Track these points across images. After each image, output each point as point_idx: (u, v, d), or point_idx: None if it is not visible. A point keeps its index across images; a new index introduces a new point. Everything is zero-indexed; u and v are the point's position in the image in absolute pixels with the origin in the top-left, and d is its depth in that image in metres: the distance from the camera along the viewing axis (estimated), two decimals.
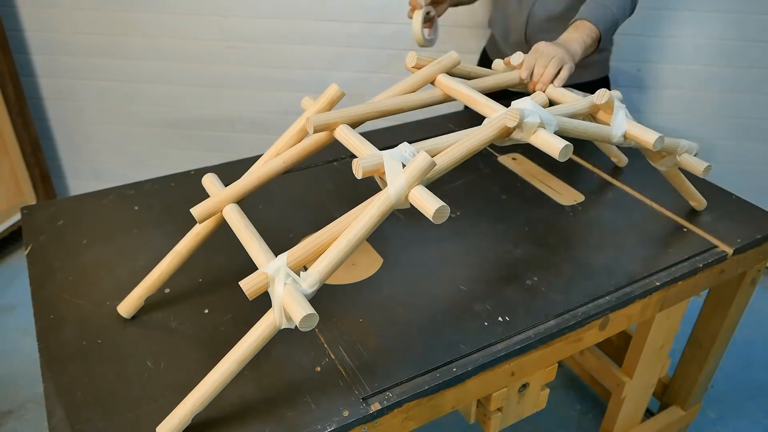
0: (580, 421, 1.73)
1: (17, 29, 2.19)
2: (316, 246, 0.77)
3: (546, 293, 1.01)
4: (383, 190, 0.77)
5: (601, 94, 0.97)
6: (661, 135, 0.95)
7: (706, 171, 1.11)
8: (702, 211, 1.24)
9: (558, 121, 0.88)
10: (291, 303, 0.71)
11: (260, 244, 0.80)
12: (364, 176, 0.76)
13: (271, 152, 0.96)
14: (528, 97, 0.92)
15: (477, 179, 1.33)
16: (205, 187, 0.94)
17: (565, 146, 0.82)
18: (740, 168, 2.20)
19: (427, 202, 0.74)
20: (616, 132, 0.98)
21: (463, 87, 0.99)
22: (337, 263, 0.75)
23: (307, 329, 0.70)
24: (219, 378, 0.76)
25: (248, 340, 0.76)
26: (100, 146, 2.45)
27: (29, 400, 1.75)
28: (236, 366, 0.76)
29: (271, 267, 0.74)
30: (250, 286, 0.74)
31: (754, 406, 1.79)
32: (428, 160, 0.75)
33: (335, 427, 0.77)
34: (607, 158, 1.44)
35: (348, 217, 0.79)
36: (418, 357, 0.88)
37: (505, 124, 0.86)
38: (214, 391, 0.76)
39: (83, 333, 0.91)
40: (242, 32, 2.11)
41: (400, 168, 0.76)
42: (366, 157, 0.77)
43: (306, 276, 0.74)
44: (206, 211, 0.90)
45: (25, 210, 1.19)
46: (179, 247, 0.95)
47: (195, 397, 0.76)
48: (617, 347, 1.57)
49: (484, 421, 1.05)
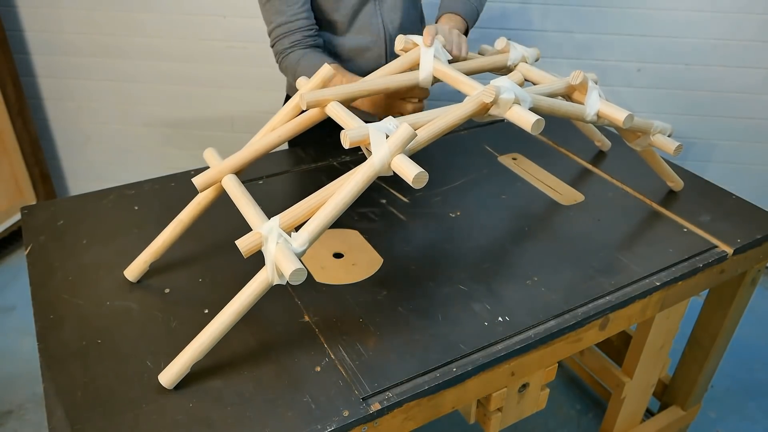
0: (580, 421, 1.73)
1: (17, 29, 2.19)
2: (306, 209, 0.83)
3: (546, 293, 1.01)
4: (368, 158, 0.82)
5: (576, 75, 1.03)
6: (630, 113, 1.01)
7: (677, 150, 1.15)
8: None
9: (533, 98, 0.93)
10: (282, 259, 0.77)
11: (255, 209, 0.86)
12: (351, 146, 0.82)
13: (267, 128, 1.01)
14: (505, 76, 0.96)
15: (477, 179, 1.33)
16: (205, 160, 0.99)
17: (537, 120, 0.87)
18: (740, 168, 2.20)
19: (407, 168, 0.79)
20: (589, 111, 1.03)
21: (447, 68, 1.04)
22: (326, 224, 0.80)
23: (296, 282, 0.75)
24: (216, 329, 0.81)
25: (243, 295, 0.81)
26: (100, 146, 2.45)
27: (29, 400, 1.75)
28: (232, 318, 0.81)
29: (265, 228, 0.80)
30: (246, 244, 0.80)
31: (754, 406, 1.79)
32: (410, 130, 0.81)
33: (335, 427, 0.77)
34: (607, 158, 1.44)
35: (336, 183, 0.84)
36: (418, 357, 0.88)
37: (482, 100, 0.91)
38: (212, 342, 0.82)
39: (83, 333, 0.91)
40: (242, 32, 2.11)
41: (383, 138, 0.82)
42: (353, 128, 0.84)
43: (297, 236, 0.79)
44: (207, 180, 0.96)
45: (25, 210, 1.19)
46: (182, 215, 1.00)
47: (194, 347, 0.82)
48: (617, 347, 1.57)
49: (484, 421, 1.05)
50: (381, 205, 1.23)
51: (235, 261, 1.06)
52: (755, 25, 1.92)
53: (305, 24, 1.26)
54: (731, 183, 1.74)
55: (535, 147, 1.48)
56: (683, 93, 2.08)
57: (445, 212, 1.22)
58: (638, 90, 2.09)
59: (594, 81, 1.06)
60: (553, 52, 2.04)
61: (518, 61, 1.17)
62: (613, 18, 1.96)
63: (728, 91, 2.05)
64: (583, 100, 1.04)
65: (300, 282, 0.76)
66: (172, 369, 0.82)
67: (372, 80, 1.03)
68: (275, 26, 1.26)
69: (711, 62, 2.01)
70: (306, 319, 0.95)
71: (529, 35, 2.02)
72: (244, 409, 0.80)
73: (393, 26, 1.34)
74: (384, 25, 1.34)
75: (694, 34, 1.96)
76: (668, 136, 1.17)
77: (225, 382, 0.84)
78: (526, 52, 1.18)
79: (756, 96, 2.05)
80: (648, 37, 1.98)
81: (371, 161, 0.81)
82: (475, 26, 2.00)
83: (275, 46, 1.28)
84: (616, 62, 2.04)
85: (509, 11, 2.00)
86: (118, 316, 0.95)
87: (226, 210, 1.15)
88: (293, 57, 1.25)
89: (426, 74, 1.06)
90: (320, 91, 0.95)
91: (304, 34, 1.25)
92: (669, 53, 2.00)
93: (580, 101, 1.05)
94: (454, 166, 1.37)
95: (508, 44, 1.18)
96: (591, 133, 1.44)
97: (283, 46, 1.26)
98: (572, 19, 1.98)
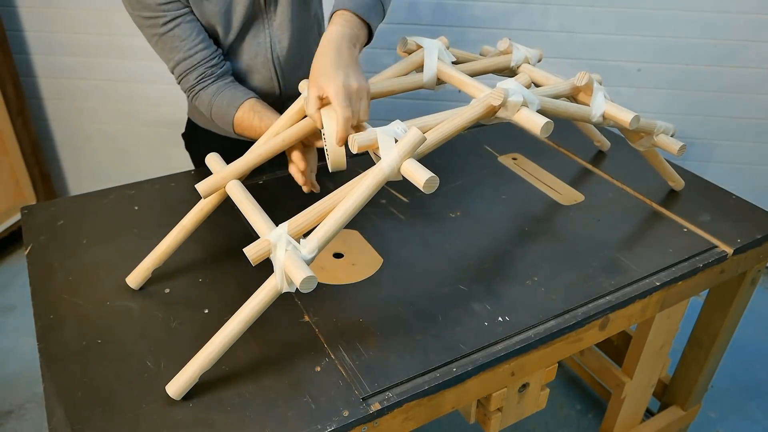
0: (580, 421, 1.73)
1: (17, 29, 2.18)
2: (315, 215, 0.81)
3: (546, 293, 1.01)
4: (377, 163, 0.80)
5: (581, 76, 1.03)
6: (637, 114, 1.00)
7: (681, 150, 1.14)
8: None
9: (540, 101, 0.92)
10: (292, 267, 0.75)
11: (261, 215, 0.85)
12: (359, 150, 0.81)
13: (271, 132, 0.99)
14: (512, 78, 0.96)
15: (477, 179, 1.33)
16: (208, 166, 0.98)
17: (546, 123, 0.86)
18: (740, 168, 2.20)
19: (417, 173, 0.78)
20: (595, 112, 1.02)
21: (451, 70, 1.03)
22: (335, 231, 0.79)
23: (307, 290, 0.75)
24: (225, 338, 0.80)
25: (252, 302, 0.80)
26: (100, 146, 2.45)
27: (29, 400, 1.75)
28: (241, 326, 0.80)
29: (274, 234, 0.79)
30: (254, 252, 0.78)
31: (754, 406, 1.79)
32: (419, 135, 0.80)
33: (335, 427, 0.77)
34: (607, 158, 1.44)
35: (345, 188, 0.83)
36: (418, 357, 0.88)
37: (490, 103, 0.90)
38: (221, 351, 0.81)
39: (83, 333, 0.91)
40: None
41: (392, 143, 0.80)
42: (361, 132, 0.82)
43: (306, 243, 0.78)
44: (210, 186, 0.95)
45: (25, 210, 1.19)
46: (185, 221, 0.99)
47: (202, 356, 0.81)
48: (617, 347, 1.57)
49: (484, 421, 1.05)
50: (381, 205, 1.23)
51: (235, 261, 1.06)
52: (755, 24, 1.92)
53: (206, 55, 1.13)
54: (731, 183, 1.74)
55: (535, 147, 1.48)
56: (683, 93, 2.08)
57: (445, 212, 1.22)
58: (638, 90, 2.09)
59: (598, 82, 1.06)
60: (553, 52, 2.04)
61: (521, 62, 1.17)
62: (614, 18, 1.96)
63: (728, 91, 2.05)
64: (588, 101, 1.04)
65: (310, 290, 0.75)
66: (180, 380, 0.80)
67: (376, 83, 1.00)
68: (175, 64, 1.13)
69: (711, 62, 2.01)
70: (306, 319, 0.95)
71: (530, 35, 2.02)
72: (244, 410, 0.80)
73: (281, 45, 1.19)
74: (271, 45, 1.19)
75: (694, 34, 1.96)
76: (671, 136, 1.16)
77: (225, 383, 0.84)
78: (529, 53, 1.18)
79: (756, 96, 2.05)
80: (648, 37, 1.98)
81: (380, 166, 0.80)
82: (476, 26, 2.01)
83: (181, 84, 1.16)
84: (616, 62, 2.04)
85: (510, 11, 2.00)
86: (118, 316, 0.95)
87: (226, 211, 1.15)
88: (204, 96, 1.14)
89: (430, 76, 1.05)
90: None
91: (207, 66, 1.13)
92: (669, 53, 2.00)
93: (585, 102, 1.04)
94: (454, 166, 1.37)
95: (511, 45, 1.18)
96: (591, 133, 1.44)
97: (189, 83, 1.14)
98: (573, 19, 1.98)
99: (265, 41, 1.18)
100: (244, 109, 1.11)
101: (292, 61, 1.22)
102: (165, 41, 1.10)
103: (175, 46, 1.11)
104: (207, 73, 1.13)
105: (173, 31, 1.09)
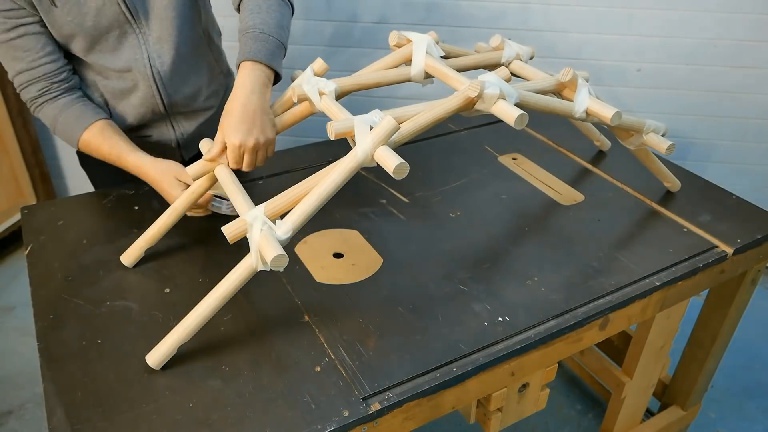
0: (580, 421, 1.73)
1: None
2: (290, 198, 0.86)
3: (546, 293, 1.01)
4: (352, 149, 0.83)
5: (565, 72, 1.04)
6: (618, 110, 1.01)
7: (669, 150, 1.13)
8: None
9: (520, 94, 0.93)
10: (265, 246, 0.79)
11: (244, 197, 0.89)
12: (336, 137, 0.84)
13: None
14: (491, 72, 0.97)
15: (477, 179, 1.33)
16: (201, 149, 1.01)
17: (520, 114, 0.87)
18: (740, 168, 2.20)
19: (389, 159, 0.81)
20: (578, 108, 1.03)
21: (439, 64, 1.04)
22: (309, 213, 0.83)
23: (278, 269, 0.78)
24: (202, 312, 0.84)
25: (228, 279, 0.83)
26: None
27: (29, 400, 1.75)
28: (218, 302, 0.84)
29: (250, 215, 0.83)
30: (231, 231, 0.83)
31: (754, 406, 1.79)
32: (393, 123, 0.83)
33: (335, 427, 0.77)
34: (607, 158, 1.44)
35: (321, 173, 0.87)
36: (418, 357, 0.88)
37: (468, 95, 0.91)
38: (198, 324, 0.84)
39: (83, 333, 0.91)
40: None
41: (368, 130, 0.83)
42: (339, 120, 0.86)
43: (281, 224, 0.82)
44: (200, 170, 1.00)
45: (25, 210, 1.19)
46: (176, 204, 1.03)
47: (181, 329, 0.84)
48: (617, 347, 1.57)
49: (484, 421, 1.05)
50: (381, 205, 1.23)
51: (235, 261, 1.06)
52: (755, 24, 1.92)
53: (51, 69, 1.08)
54: (731, 183, 1.73)
55: (535, 147, 1.48)
56: (683, 93, 2.08)
57: (445, 212, 1.22)
58: (638, 90, 2.09)
59: (585, 79, 1.06)
60: (553, 52, 2.04)
61: (512, 59, 1.17)
62: (614, 18, 1.96)
63: (728, 91, 2.05)
64: (573, 97, 1.04)
65: (281, 268, 0.78)
66: (159, 350, 0.84)
67: (365, 75, 1.03)
68: (15, 74, 1.08)
69: (711, 62, 2.01)
70: (306, 319, 0.95)
71: (530, 35, 2.02)
72: (244, 409, 0.80)
73: (161, 60, 1.14)
74: (150, 60, 1.14)
75: (694, 34, 1.96)
76: (662, 136, 1.16)
77: (225, 382, 0.84)
78: (520, 49, 1.18)
79: (756, 96, 2.05)
80: (648, 37, 1.98)
81: (354, 152, 0.83)
82: (472, 25, 2.01)
83: (22, 94, 1.12)
84: (615, 62, 2.04)
85: (508, 11, 2.00)
86: (118, 316, 0.95)
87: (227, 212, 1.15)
88: (49, 111, 1.10)
89: (418, 70, 1.06)
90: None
91: (51, 80, 1.08)
92: (669, 53, 2.00)
93: (570, 98, 1.05)
94: (454, 166, 1.37)
95: (503, 42, 1.18)
96: (590, 132, 1.44)
97: (30, 95, 1.10)
98: (573, 19, 1.98)
99: (142, 56, 1.13)
100: (93, 131, 1.10)
101: (177, 77, 1.18)
102: (6, 50, 1.06)
103: (17, 56, 1.06)
104: (52, 87, 1.09)
105: (16, 41, 1.05)
